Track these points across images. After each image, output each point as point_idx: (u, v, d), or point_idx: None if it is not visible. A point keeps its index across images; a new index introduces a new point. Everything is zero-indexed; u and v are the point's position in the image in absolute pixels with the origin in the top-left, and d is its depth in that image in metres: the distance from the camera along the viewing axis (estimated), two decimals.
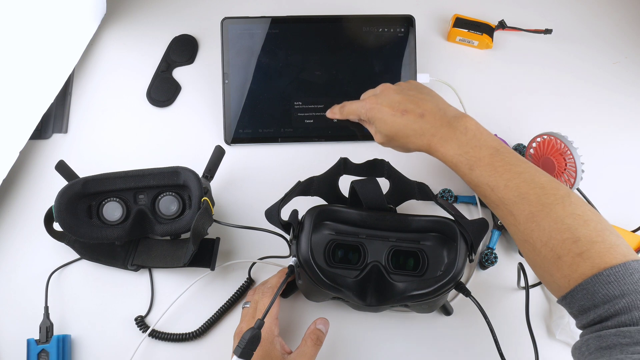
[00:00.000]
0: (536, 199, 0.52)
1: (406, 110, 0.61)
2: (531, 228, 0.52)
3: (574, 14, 0.85)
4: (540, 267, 0.52)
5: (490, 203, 0.56)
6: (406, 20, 0.75)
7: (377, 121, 0.63)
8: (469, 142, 0.57)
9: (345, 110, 0.68)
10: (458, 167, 0.57)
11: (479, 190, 0.57)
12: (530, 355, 0.58)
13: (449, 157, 0.58)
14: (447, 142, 0.58)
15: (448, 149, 0.58)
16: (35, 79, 0.67)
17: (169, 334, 0.64)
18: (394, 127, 0.61)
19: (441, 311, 0.66)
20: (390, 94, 0.63)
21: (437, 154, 0.59)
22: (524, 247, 0.54)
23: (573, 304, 0.48)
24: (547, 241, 0.50)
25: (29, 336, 0.62)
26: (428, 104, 0.61)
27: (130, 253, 0.66)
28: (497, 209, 0.56)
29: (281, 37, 0.74)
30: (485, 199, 0.56)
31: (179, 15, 0.81)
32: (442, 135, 0.58)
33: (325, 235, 0.57)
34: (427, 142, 0.59)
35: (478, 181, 0.56)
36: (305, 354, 0.57)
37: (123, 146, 0.74)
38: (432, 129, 0.59)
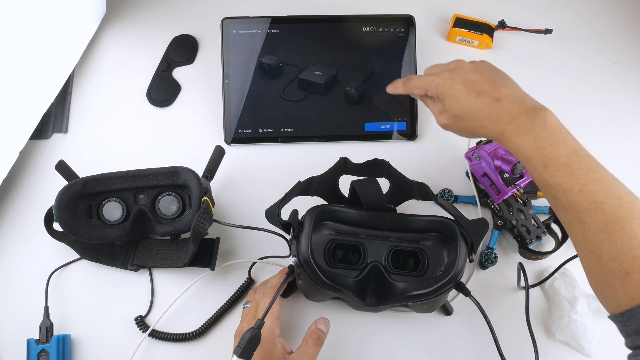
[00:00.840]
0: (612, 210, 0.48)
1: (482, 91, 0.55)
2: (601, 239, 0.48)
3: (574, 14, 0.85)
4: (602, 281, 0.49)
5: (559, 206, 0.52)
6: (406, 20, 0.75)
7: (448, 99, 0.57)
8: (547, 137, 0.52)
9: (410, 84, 0.62)
10: (531, 162, 0.52)
11: (548, 190, 0.52)
12: (530, 355, 0.58)
13: (522, 150, 0.53)
14: (523, 133, 0.53)
15: (523, 141, 0.52)
16: (35, 79, 0.67)
17: (169, 334, 0.64)
18: (466, 108, 0.56)
19: (441, 311, 0.66)
20: (466, 72, 0.58)
21: (510, 144, 0.54)
22: (588, 257, 0.50)
23: (631, 322, 0.46)
24: (616, 255, 0.47)
25: (29, 336, 0.62)
26: (505, 89, 0.55)
27: (130, 253, 0.66)
28: (564, 214, 0.52)
29: (281, 37, 0.74)
30: (554, 200, 0.52)
31: (179, 15, 0.81)
32: (518, 125, 0.53)
33: (325, 235, 0.57)
34: (500, 130, 0.54)
35: (550, 181, 0.51)
36: (306, 354, 0.57)
37: (123, 146, 0.74)
38: (507, 116, 0.54)
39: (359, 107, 0.75)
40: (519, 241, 0.68)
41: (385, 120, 0.75)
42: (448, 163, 0.75)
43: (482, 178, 0.69)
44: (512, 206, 0.68)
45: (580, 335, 0.62)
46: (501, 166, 0.66)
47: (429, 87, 0.59)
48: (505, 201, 0.69)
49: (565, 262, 0.66)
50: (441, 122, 0.60)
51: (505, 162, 0.66)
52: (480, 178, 0.69)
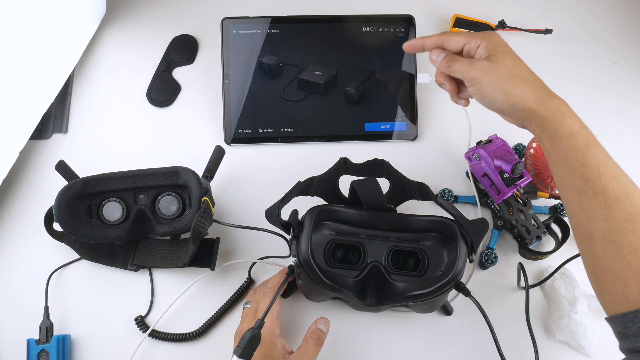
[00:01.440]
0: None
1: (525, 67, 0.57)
2: (625, 230, 0.48)
3: (574, 14, 0.85)
4: (615, 274, 0.48)
5: (588, 190, 0.50)
6: (406, 20, 0.75)
7: (502, 49, 0.57)
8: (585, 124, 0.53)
9: (448, 35, 0.59)
10: (574, 137, 0.52)
11: (583, 171, 0.51)
12: (530, 355, 0.58)
13: (570, 122, 0.52)
14: (569, 108, 0.54)
15: (572, 113, 0.53)
16: (35, 79, 0.67)
17: (169, 334, 0.64)
18: (520, 65, 0.56)
19: (441, 311, 0.66)
20: None
21: (557, 113, 0.53)
22: (606, 247, 0.49)
23: (633, 324, 0.46)
24: (638, 248, 0.47)
25: (29, 336, 0.62)
26: None
27: (130, 253, 0.66)
28: (592, 199, 0.50)
29: (281, 37, 0.74)
30: (586, 183, 0.51)
31: (179, 15, 0.81)
32: (562, 100, 0.54)
33: (325, 235, 0.57)
34: (551, 97, 0.54)
35: (589, 161, 0.51)
36: (306, 354, 0.57)
37: (123, 146, 0.74)
38: (553, 94, 0.55)
39: (359, 107, 0.75)
40: (519, 241, 0.68)
41: (385, 120, 0.75)
42: (448, 163, 0.75)
43: (482, 178, 0.69)
44: (512, 206, 0.68)
45: (580, 335, 0.62)
46: (501, 166, 0.66)
47: (478, 38, 0.57)
48: (505, 201, 0.69)
49: (565, 262, 0.66)
50: (483, 66, 0.56)
51: (505, 162, 0.66)
52: (480, 178, 0.69)
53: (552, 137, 0.53)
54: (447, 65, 0.59)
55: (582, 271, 0.66)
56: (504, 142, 0.69)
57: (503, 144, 0.68)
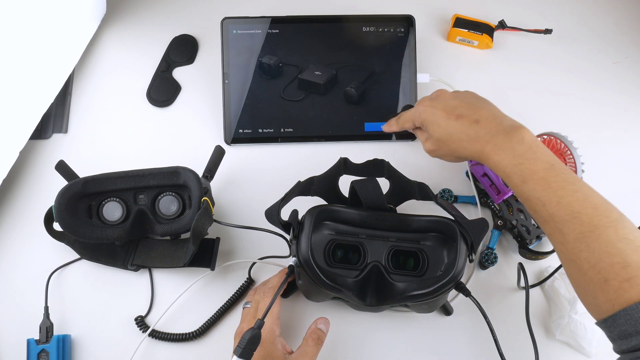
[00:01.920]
0: (588, 220, 0.50)
1: (461, 115, 0.59)
2: (580, 248, 0.50)
3: (574, 14, 0.85)
4: (584, 289, 0.51)
5: (539, 218, 0.54)
6: (406, 20, 0.75)
7: (430, 125, 0.62)
8: (525, 153, 0.54)
9: (401, 120, 0.68)
10: (510, 177, 0.55)
11: (529, 204, 0.54)
12: (530, 355, 0.58)
13: (502, 166, 0.56)
14: (501, 150, 0.56)
15: (502, 157, 0.55)
16: (35, 79, 0.67)
17: (169, 334, 0.64)
18: (447, 130, 0.60)
19: (441, 311, 0.66)
20: (446, 98, 0.62)
21: (490, 161, 0.57)
22: (569, 266, 0.52)
23: (614, 328, 0.47)
24: (595, 263, 0.49)
25: (29, 336, 0.62)
26: (484, 111, 0.59)
27: (130, 253, 0.66)
28: (545, 225, 0.53)
29: (281, 37, 0.74)
30: (535, 213, 0.54)
31: (179, 15, 0.81)
32: (496, 143, 0.56)
33: (325, 235, 0.57)
34: (480, 149, 0.57)
35: (529, 195, 0.54)
36: (306, 354, 0.57)
37: (123, 146, 0.74)
38: (486, 135, 0.57)
39: (359, 107, 0.75)
40: (519, 241, 0.68)
41: (386, 120, 0.75)
42: (448, 163, 0.74)
43: (482, 178, 0.69)
44: (512, 206, 0.68)
45: (580, 335, 0.62)
46: None
47: (415, 117, 0.65)
48: (505, 201, 0.69)
49: None
50: (427, 149, 0.64)
51: None
52: (480, 178, 0.69)
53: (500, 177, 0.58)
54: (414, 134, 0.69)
55: None
56: None
57: None
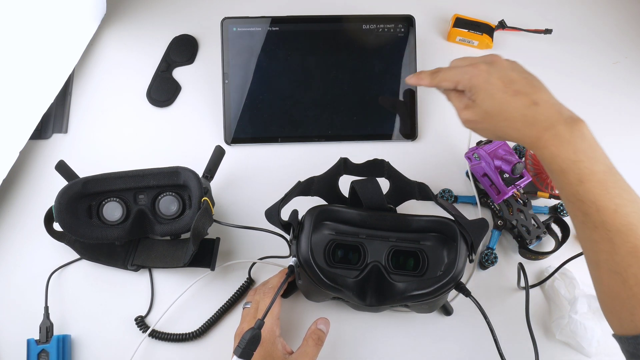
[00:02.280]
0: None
1: (519, 91, 0.52)
2: (629, 262, 0.47)
3: (574, 14, 0.85)
4: (622, 302, 0.48)
5: (587, 223, 0.49)
6: (406, 20, 0.75)
7: (482, 93, 0.53)
8: (585, 150, 0.49)
9: (439, 76, 0.58)
10: (566, 174, 0.49)
11: (579, 206, 0.49)
12: (530, 355, 0.58)
13: (558, 160, 0.49)
14: (560, 143, 0.49)
15: (561, 151, 0.49)
16: (35, 79, 0.67)
17: (169, 334, 0.64)
18: (501, 105, 0.52)
19: (441, 311, 0.66)
20: (504, 68, 0.54)
21: (545, 151, 0.50)
22: (611, 277, 0.49)
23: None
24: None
25: (29, 336, 0.62)
26: (543, 93, 0.52)
27: (130, 253, 0.66)
28: (592, 232, 0.49)
29: (281, 37, 0.74)
30: (584, 217, 0.49)
31: (179, 15, 0.81)
32: (556, 133, 0.49)
33: (325, 235, 0.57)
34: (537, 136, 0.50)
35: (584, 197, 0.49)
36: (306, 354, 0.57)
37: (123, 146, 0.74)
38: (545, 122, 0.50)
39: (359, 107, 0.75)
40: (519, 241, 0.68)
41: (386, 120, 0.75)
42: (448, 163, 0.75)
43: (482, 178, 0.69)
44: (512, 206, 0.68)
45: (580, 335, 0.62)
46: (501, 166, 0.66)
47: (462, 79, 0.55)
48: (505, 201, 0.69)
49: (565, 262, 0.66)
50: (466, 117, 0.56)
51: (505, 162, 0.66)
52: (480, 178, 0.69)
53: (547, 170, 0.52)
54: (446, 96, 0.60)
55: (582, 271, 0.67)
56: (504, 142, 0.69)
57: (503, 144, 0.68)
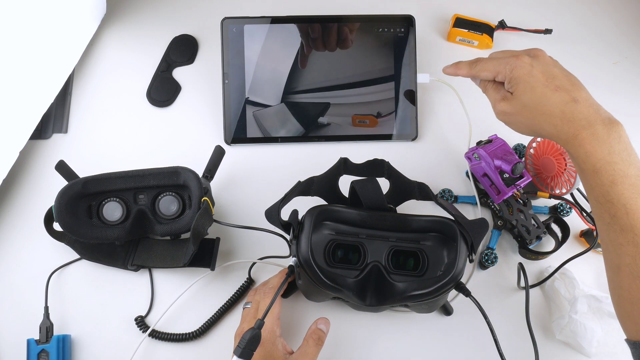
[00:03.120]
0: None
1: (560, 87, 0.52)
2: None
3: (574, 14, 0.85)
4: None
5: (615, 225, 0.49)
6: (406, 20, 0.75)
7: (522, 85, 0.54)
8: (621, 153, 0.49)
9: (479, 66, 0.58)
10: (598, 174, 0.49)
11: (609, 208, 0.49)
12: (530, 355, 0.58)
13: (593, 160, 0.49)
14: (597, 142, 0.49)
15: (597, 150, 0.49)
16: (35, 79, 0.67)
17: (169, 334, 0.64)
18: (541, 99, 0.52)
19: (441, 311, 0.66)
20: (547, 63, 0.55)
21: (580, 150, 0.50)
22: (633, 282, 0.48)
23: None
24: None
25: (29, 336, 0.62)
26: (583, 92, 0.52)
27: (130, 253, 0.66)
28: (619, 234, 0.49)
29: (281, 36, 0.74)
30: (612, 219, 0.49)
31: (179, 15, 0.81)
32: (594, 132, 0.50)
33: (325, 235, 0.57)
34: (574, 133, 0.50)
35: (614, 198, 0.49)
36: (307, 354, 0.57)
37: (123, 146, 0.74)
38: (584, 120, 0.50)
39: (359, 107, 0.75)
40: (519, 241, 0.68)
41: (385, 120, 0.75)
42: (448, 163, 0.75)
43: (482, 178, 0.69)
44: (512, 206, 0.68)
45: (580, 335, 0.62)
46: (501, 166, 0.66)
47: (503, 70, 0.56)
48: (505, 201, 0.69)
49: (565, 262, 0.66)
50: (502, 109, 0.56)
51: (505, 162, 0.66)
52: (480, 178, 0.69)
53: (579, 170, 0.52)
54: (482, 87, 0.60)
55: (582, 271, 0.67)
56: (504, 142, 0.69)
57: (503, 144, 0.68)
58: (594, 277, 0.69)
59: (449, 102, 0.78)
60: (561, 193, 0.68)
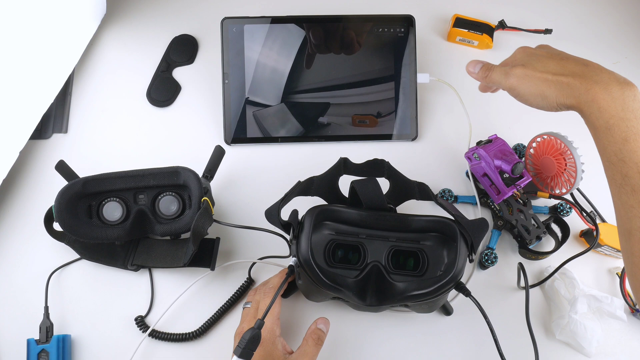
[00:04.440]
0: None
1: (565, 57, 0.55)
2: None
3: (574, 14, 0.85)
4: None
5: (625, 186, 0.49)
6: (406, 20, 0.75)
7: (534, 59, 0.56)
8: (635, 111, 0.49)
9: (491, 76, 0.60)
10: (611, 131, 0.49)
11: (620, 167, 0.49)
12: (530, 355, 0.58)
13: (606, 115, 0.49)
14: (611, 97, 0.49)
15: (611, 105, 0.49)
16: (35, 79, 0.67)
17: (169, 334, 0.64)
18: (553, 64, 0.54)
19: (441, 311, 0.66)
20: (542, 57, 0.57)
21: (593, 105, 0.50)
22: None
23: None
24: None
25: (29, 336, 0.62)
26: (590, 61, 0.54)
27: (130, 253, 0.66)
28: (630, 196, 0.48)
29: (281, 37, 0.74)
30: (624, 179, 0.49)
31: (179, 15, 0.81)
32: (607, 89, 0.50)
33: (325, 235, 0.57)
34: (587, 88, 0.50)
35: (626, 157, 0.48)
36: (306, 354, 0.57)
37: (123, 146, 0.74)
38: (596, 76, 0.51)
39: (359, 107, 0.75)
40: (519, 241, 0.68)
41: (385, 120, 0.75)
42: (448, 163, 0.75)
43: (482, 178, 0.69)
44: (512, 206, 0.68)
45: (580, 335, 0.62)
46: (501, 166, 0.66)
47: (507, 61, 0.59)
48: (505, 201, 0.69)
49: (565, 262, 0.66)
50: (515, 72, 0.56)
51: (505, 162, 0.66)
52: (480, 178, 0.69)
53: (591, 129, 0.52)
54: (484, 76, 0.61)
55: (582, 271, 0.67)
56: (504, 142, 0.69)
57: (503, 144, 0.68)
58: (594, 277, 0.69)
59: (449, 102, 0.78)
60: (561, 193, 0.68)
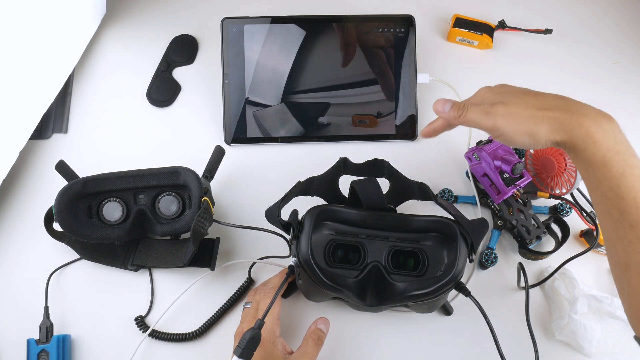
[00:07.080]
0: None
1: (539, 92, 0.51)
2: None
3: (574, 14, 0.85)
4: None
5: (623, 222, 0.47)
6: (406, 20, 0.75)
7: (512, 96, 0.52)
8: (624, 143, 0.47)
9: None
10: (608, 166, 0.47)
11: (618, 203, 0.47)
12: (530, 355, 0.58)
13: (602, 149, 0.47)
14: (604, 131, 0.47)
15: (604, 137, 0.47)
16: (35, 79, 0.67)
17: (169, 334, 0.64)
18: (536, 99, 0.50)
19: (441, 311, 0.66)
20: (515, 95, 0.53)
21: (588, 140, 0.47)
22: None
23: None
24: None
25: (29, 336, 0.62)
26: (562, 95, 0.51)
27: (130, 253, 0.66)
28: (628, 231, 0.47)
29: (281, 37, 0.74)
30: (621, 215, 0.47)
31: (179, 15, 0.81)
32: (597, 122, 0.47)
33: (325, 235, 0.57)
34: (578, 122, 0.47)
35: (624, 192, 0.46)
36: (306, 354, 0.57)
37: (123, 146, 0.74)
38: (581, 109, 0.48)
39: (359, 107, 0.75)
40: (519, 241, 0.68)
41: (385, 120, 0.75)
42: (448, 163, 0.75)
43: (482, 178, 0.69)
44: (512, 206, 0.68)
45: (580, 335, 0.62)
46: (501, 166, 0.66)
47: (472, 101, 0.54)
48: (505, 201, 0.69)
49: (565, 262, 0.66)
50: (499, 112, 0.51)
51: (505, 162, 0.66)
52: (480, 178, 0.69)
53: (585, 164, 0.49)
54: (457, 115, 0.54)
55: (582, 271, 0.67)
56: None
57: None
58: (594, 277, 0.69)
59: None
60: (561, 193, 0.68)
